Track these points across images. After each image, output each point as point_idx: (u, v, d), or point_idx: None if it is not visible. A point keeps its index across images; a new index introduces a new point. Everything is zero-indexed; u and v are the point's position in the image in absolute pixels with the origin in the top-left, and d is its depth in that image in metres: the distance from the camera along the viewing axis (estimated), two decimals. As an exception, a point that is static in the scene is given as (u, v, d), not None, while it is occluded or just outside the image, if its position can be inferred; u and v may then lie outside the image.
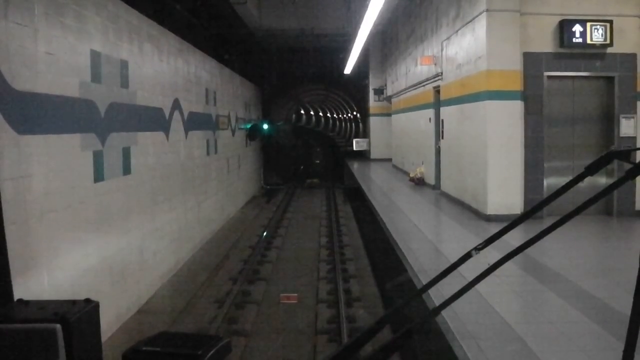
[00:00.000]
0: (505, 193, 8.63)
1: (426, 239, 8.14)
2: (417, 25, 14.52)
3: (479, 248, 1.21)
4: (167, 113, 10.36)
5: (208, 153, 13.96)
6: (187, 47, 12.20)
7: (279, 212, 18.50)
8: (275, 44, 22.45)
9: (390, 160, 20.93)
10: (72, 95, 6.50)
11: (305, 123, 52.74)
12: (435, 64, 12.05)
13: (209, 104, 14.09)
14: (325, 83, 31.44)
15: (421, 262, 6.61)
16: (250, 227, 15.78)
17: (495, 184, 8.67)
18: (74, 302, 1.34)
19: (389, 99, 21.12)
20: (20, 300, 1.39)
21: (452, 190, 11.09)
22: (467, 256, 1.22)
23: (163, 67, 10.26)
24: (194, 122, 12.44)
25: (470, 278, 1.18)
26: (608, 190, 1.10)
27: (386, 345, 1.17)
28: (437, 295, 4.30)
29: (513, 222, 1.18)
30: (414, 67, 14.81)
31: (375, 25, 13.73)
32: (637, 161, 1.02)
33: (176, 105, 10.99)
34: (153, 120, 9.62)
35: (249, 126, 20.69)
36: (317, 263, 11.42)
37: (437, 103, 12.32)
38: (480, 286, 1.27)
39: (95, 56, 7.12)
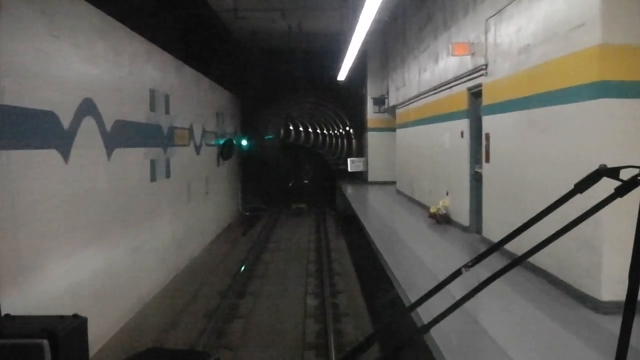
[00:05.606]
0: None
1: (494, 345, 4.40)
2: (437, 9, 10.91)
3: (468, 265, 1.20)
4: (66, 120, 6.61)
5: (154, 178, 10.17)
6: (117, 27, 8.48)
7: (255, 249, 14.68)
8: (257, 42, 18.87)
9: (393, 183, 17.22)
10: None
11: (294, 139, 49.43)
12: (473, 54, 8.40)
13: (156, 112, 10.33)
14: (316, 96, 28.08)
15: None
16: (215, 274, 11.97)
17: (616, 245, 4.87)
18: (61, 317, 1.31)
19: (392, 109, 17.45)
20: (7, 316, 1.37)
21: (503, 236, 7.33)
22: (457, 273, 1.22)
23: (61, 49, 6.54)
24: (127, 135, 8.70)
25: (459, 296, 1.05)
26: (595, 208, 1.11)
27: None
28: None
29: (504, 239, 1.21)
30: (433, 65, 11.17)
31: (375, 22, 10.19)
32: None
33: (88, 108, 7.24)
34: (32, 130, 5.88)
35: (221, 142, 16.92)
36: (302, 351, 7.57)
37: (476, 110, 8.65)
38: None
39: None
